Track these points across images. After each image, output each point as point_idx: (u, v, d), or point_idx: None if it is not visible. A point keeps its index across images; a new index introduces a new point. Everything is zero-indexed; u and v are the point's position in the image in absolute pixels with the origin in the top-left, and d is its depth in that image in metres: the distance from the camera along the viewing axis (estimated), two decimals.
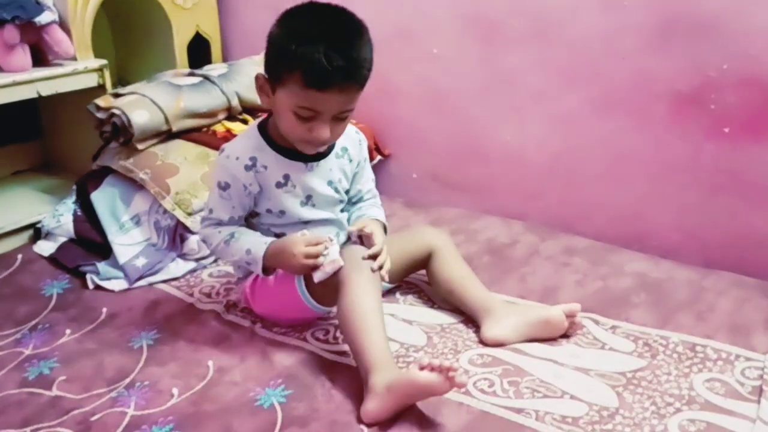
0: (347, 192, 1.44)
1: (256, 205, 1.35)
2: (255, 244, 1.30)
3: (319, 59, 1.15)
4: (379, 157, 2.07)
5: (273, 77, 1.24)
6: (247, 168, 1.30)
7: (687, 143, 1.65)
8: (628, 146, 1.73)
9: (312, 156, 1.34)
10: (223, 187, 1.32)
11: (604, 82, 1.71)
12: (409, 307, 1.47)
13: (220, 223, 1.35)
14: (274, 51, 1.23)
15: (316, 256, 1.24)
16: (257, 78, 1.28)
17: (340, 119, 1.25)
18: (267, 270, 1.31)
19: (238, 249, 1.31)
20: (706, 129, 1.62)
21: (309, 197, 1.36)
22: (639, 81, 1.67)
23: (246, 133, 1.38)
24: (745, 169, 1.60)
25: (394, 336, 1.33)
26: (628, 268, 1.59)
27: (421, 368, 1.09)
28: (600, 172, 1.79)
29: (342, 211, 1.43)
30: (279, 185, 1.33)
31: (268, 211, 1.35)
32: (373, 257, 1.27)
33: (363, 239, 1.33)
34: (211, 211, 1.35)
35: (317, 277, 1.25)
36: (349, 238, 1.40)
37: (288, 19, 1.23)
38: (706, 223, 1.68)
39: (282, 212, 1.35)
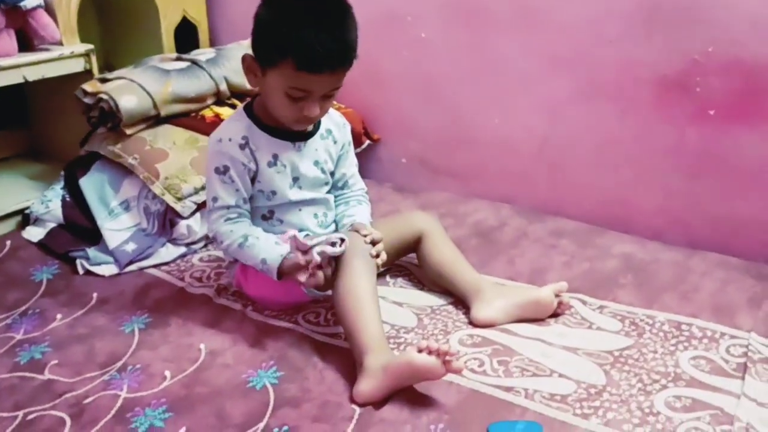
0: (332, 174, 1.45)
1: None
2: (270, 254, 1.27)
3: (312, 44, 1.17)
4: (368, 142, 2.07)
5: (263, 59, 1.25)
6: (242, 147, 1.31)
7: (672, 127, 1.66)
8: (615, 130, 1.74)
9: (299, 136, 1.36)
10: (222, 171, 1.31)
11: (591, 67, 1.72)
12: (399, 289, 1.49)
13: (228, 208, 1.32)
14: (264, 34, 1.24)
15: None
16: (244, 59, 1.28)
17: (328, 96, 1.28)
18: (282, 277, 1.28)
19: (253, 256, 1.29)
20: (691, 112, 1.63)
21: (296, 179, 1.37)
22: (625, 65, 1.68)
23: (234, 116, 1.39)
24: (728, 152, 1.62)
25: (385, 318, 1.33)
26: (614, 250, 1.61)
27: (419, 350, 1.10)
28: (587, 156, 1.81)
29: (328, 192, 1.45)
30: (270, 164, 1.34)
31: (260, 191, 1.36)
32: (373, 243, 1.29)
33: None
34: (215, 199, 1.32)
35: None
36: (335, 223, 1.43)
37: (274, 1, 1.24)
38: (691, 206, 1.70)
39: (273, 192, 1.36)
